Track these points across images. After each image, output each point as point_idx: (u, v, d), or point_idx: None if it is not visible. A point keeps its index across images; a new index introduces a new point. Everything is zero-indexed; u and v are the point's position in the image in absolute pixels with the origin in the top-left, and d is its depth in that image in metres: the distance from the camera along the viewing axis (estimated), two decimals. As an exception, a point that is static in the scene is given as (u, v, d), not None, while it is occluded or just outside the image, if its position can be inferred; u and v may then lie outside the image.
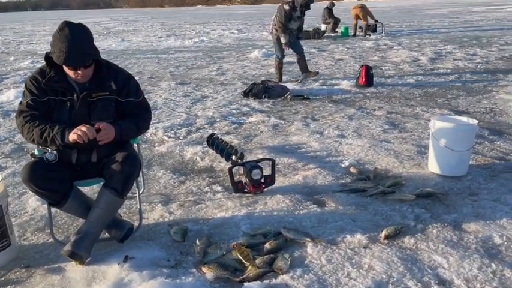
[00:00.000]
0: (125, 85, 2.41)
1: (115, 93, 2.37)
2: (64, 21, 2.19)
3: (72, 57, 2.13)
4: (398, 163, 3.50)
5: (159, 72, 8.72)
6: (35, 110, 2.27)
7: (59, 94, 2.29)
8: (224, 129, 4.67)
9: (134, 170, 2.36)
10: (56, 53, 2.14)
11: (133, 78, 2.51)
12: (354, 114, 5.06)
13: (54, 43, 2.15)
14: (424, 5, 44.79)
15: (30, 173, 2.20)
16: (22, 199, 3.10)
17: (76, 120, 2.28)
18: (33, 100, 2.27)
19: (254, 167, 2.97)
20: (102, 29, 25.15)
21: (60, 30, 2.14)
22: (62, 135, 2.20)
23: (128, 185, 2.35)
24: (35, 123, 2.24)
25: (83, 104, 2.30)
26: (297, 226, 2.56)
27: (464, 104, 5.40)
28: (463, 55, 9.36)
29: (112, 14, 64.23)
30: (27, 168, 2.22)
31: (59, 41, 2.13)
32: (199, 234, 2.52)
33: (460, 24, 17.67)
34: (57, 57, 2.14)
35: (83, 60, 2.18)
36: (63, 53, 2.11)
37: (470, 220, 2.56)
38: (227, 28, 21.18)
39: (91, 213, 2.33)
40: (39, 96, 2.26)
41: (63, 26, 2.15)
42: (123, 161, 2.29)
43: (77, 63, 2.17)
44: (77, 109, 2.29)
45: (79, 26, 2.21)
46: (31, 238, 2.59)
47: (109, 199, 2.31)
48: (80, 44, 2.15)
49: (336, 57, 9.79)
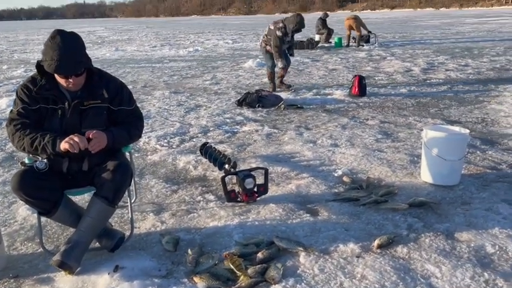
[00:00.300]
0: (117, 93, 2.40)
1: (107, 101, 2.36)
2: (56, 30, 2.18)
3: (63, 66, 2.12)
4: (391, 172, 3.50)
5: (153, 81, 8.72)
6: (26, 118, 2.25)
7: (50, 102, 2.27)
8: (218, 138, 4.67)
9: (126, 179, 2.34)
10: (47, 61, 2.13)
11: (126, 87, 2.50)
12: (347, 123, 5.07)
13: (46, 51, 2.14)
14: (416, 16, 45.36)
15: (20, 182, 2.18)
16: (12, 208, 3.06)
17: (67, 129, 2.26)
18: (24, 108, 2.25)
19: (247, 176, 2.96)
20: (97, 38, 25.17)
21: (51, 38, 2.14)
22: (53, 144, 2.18)
23: (119, 193, 2.33)
24: (26, 131, 2.22)
25: (75, 112, 2.29)
26: (289, 235, 2.55)
27: (456, 114, 5.44)
28: (455, 66, 9.46)
29: (106, 23, 64.36)
30: (17, 177, 2.19)
31: (51, 49, 2.12)
32: (191, 243, 2.50)
33: (451, 36, 17.90)
34: (48, 65, 2.13)
35: (74, 68, 2.18)
36: (55, 61, 2.10)
37: (462, 229, 2.56)
38: (221, 38, 21.29)
39: (81, 222, 2.30)
40: (30, 104, 2.25)
41: (55, 34, 2.14)
42: (114, 169, 2.27)
43: (68, 71, 2.16)
44: (68, 117, 2.28)
45: (71, 35, 2.20)
46: (20, 248, 2.55)
47: (100, 208, 2.29)
48: (71, 52, 2.14)
49: (329, 67, 9.85)
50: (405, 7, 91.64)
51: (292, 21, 6.75)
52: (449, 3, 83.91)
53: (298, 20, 6.72)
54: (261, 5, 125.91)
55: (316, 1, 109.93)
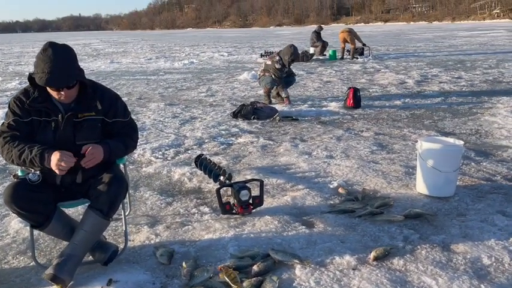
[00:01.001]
0: (111, 105, 2.39)
1: (101, 113, 2.35)
2: (48, 42, 2.17)
3: (54, 78, 2.11)
4: (386, 184, 3.50)
5: (148, 94, 8.72)
6: (17, 130, 2.23)
7: (43, 115, 2.25)
8: (213, 150, 4.66)
9: (121, 192, 2.32)
10: (38, 74, 2.12)
11: (121, 99, 2.49)
12: (342, 135, 5.08)
13: (37, 64, 2.13)
14: (409, 29, 45.92)
15: (13, 195, 2.15)
16: (4, 221, 3.02)
17: (61, 141, 2.25)
18: (15, 121, 2.23)
19: (242, 188, 2.95)
20: (92, 50, 25.23)
21: (43, 51, 2.13)
22: (41, 158, 2.15)
23: (114, 206, 2.31)
24: (15, 143, 2.20)
25: (68, 125, 2.27)
26: (285, 248, 2.53)
27: (450, 125, 5.48)
28: (449, 78, 9.55)
29: (102, 36, 64.59)
30: (9, 190, 2.17)
31: (42, 61, 2.11)
32: (186, 256, 2.47)
33: (444, 49, 18.11)
34: (39, 78, 2.11)
35: (65, 81, 2.16)
36: (46, 73, 2.09)
37: (458, 241, 2.56)
38: (217, 50, 21.40)
39: (75, 235, 2.27)
40: (22, 116, 2.23)
41: (47, 47, 2.14)
42: (109, 182, 2.25)
43: (59, 84, 2.15)
44: (61, 130, 2.26)
45: (63, 47, 2.18)
46: (12, 262, 2.51)
47: (94, 221, 2.26)
48: (63, 65, 2.13)
49: (324, 80, 9.91)
50: (398, 20, 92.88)
51: (287, 53, 6.98)
52: (442, 17, 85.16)
53: (292, 51, 6.97)
54: (256, 18, 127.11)
55: (310, 14, 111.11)
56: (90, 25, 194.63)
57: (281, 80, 7.11)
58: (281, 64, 6.98)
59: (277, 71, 7.00)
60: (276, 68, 7.01)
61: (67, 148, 2.23)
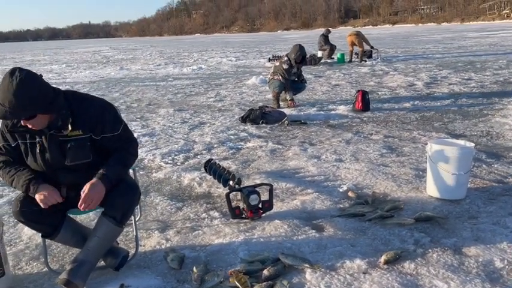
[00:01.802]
0: (98, 121, 2.22)
1: (88, 131, 2.21)
2: (10, 69, 2.02)
3: (8, 112, 1.98)
4: (396, 187, 3.48)
5: (158, 100, 8.79)
6: (7, 155, 2.22)
7: (28, 137, 2.19)
8: (222, 155, 4.67)
9: (134, 200, 2.35)
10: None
11: (108, 110, 2.29)
12: (351, 138, 5.07)
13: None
14: (418, 31, 45.68)
15: (20, 207, 2.19)
16: (17, 228, 3.06)
17: (50, 163, 2.20)
18: (4, 146, 2.22)
19: (251, 193, 2.95)
20: (102, 57, 25.49)
21: (3, 80, 1.99)
22: (27, 190, 2.15)
23: (127, 214, 2.33)
24: (6, 169, 2.20)
25: (53, 145, 2.18)
26: (295, 252, 2.53)
27: (460, 127, 5.43)
28: (458, 80, 9.48)
29: (111, 43, 65.24)
30: (17, 202, 2.21)
31: (1, 92, 1.98)
32: (196, 261, 2.48)
33: (454, 50, 17.98)
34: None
35: (20, 114, 2.02)
36: (1, 106, 1.97)
37: (470, 244, 2.53)
38: (225, 55, 21.49)
39: (88, 241, 2.30)
40: (9, 141, 2.20)
41: (6, 76, 1.99)
42: (124, 190, 2.27)
43: (14, 116, 2.04)
44: (48, 151, 2.18)
45: (22, 76, 1.98)
46: (25, 267, 2.55)
47: (108, 228, 2.28)
48: (18, 97, 1.95)
49: (332, 83, 9.90)
50: (406, 22, 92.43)
51: (294, 52, 7.08)
52: (451, 18, 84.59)
53: (298, 49, 7.07)
54: (263, 23, 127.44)
55: (318, 18, 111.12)
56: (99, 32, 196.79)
57: (288, 81, 7.12)
58: (288, 64, 7.01)
59: (285, 72, 7.03)
60: (283, 68, 7.04)
61: (58, 169, 2.21)
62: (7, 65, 22.01)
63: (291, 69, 7.08)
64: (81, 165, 2.24)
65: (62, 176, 2.26)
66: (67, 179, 2.27)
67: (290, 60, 7.04)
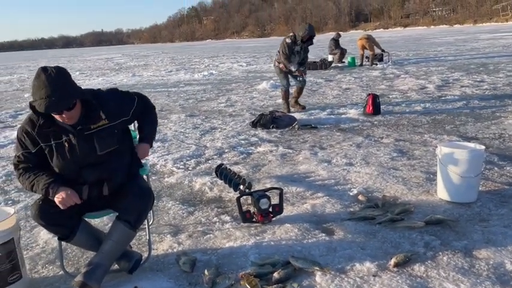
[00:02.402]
0: (119, 106, 2.39)
1: (113, 119, 2.34)
2: (40, 68, 2.13)
3: (53, 103, 2.07)
4: (407, 190, 3.49)
5: (169, 105, 8.89)
6: (28, 162, 2.28)
7: (52, 139, 2.25)
8: (233, 160, 4.72)
9: (148, 204, 2.40)
10: (37, 101, 2.09)
11: (119, 92, 2.48)
12: (361, 142, 5.08)
13: (34, 91, 2.11)
14: (430, 34, 45.34)
15: (40, 209, 2.26)
16: (34, 232, 3.14)
17: (81, 157, 2.27)
18: (23, 154, 2.27)
19: (262, 197, 2.99)
20: (114, 64, 25.82)
21: (37, 77, 2.10)
22: (46, 193, 2.21)
23: (141, 218, 2.39)
24: (26, 175, 2.26)
25: (82, 140, 2.26)
26: (305, 255, 2.55)
27: (472, 130, 5.40)
28: (471, 82, 9.40)
29: (124, 50, 66.02)
30: (36, 205, 2.28)
31: (38, 88, 2.08)
32: (207, 264, 2.52)
33: (466, 52, 17.82)
34: (38, 105, 2.08)
35: (64, 103, 2.12)
36: (44, 99, 2.06)
37: (481, 247, 2.53)
38: (236, 61, 21.60)
39: (103, 245, 2.35)
40: (29, 148, 2.26)
41: (39, 73, 2.10)
42: (138, 194, 2.33)
43: (58, 107, 2.11)
44: (78, 148, 2.26)
45: (55, 70, 2.13)
46: (42, 271, 2.61)
47: (122, 232, 2.34)
48: (58, 88, 2.08)
49: (343, 87, 9.90)
50: (418, 25, 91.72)
51: (302, 29, 6.83)
52: (463, 20, 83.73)
53: (307, 27, 6.81)
54: (274, 28, 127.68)
55: (328, 22, 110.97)
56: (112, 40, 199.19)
57: (287, 56, 6.81)
58: (292, 40, 6.76)
59: (286, 47, 6.76)
60: (285, 42, 6.77)
61: (90, 161, 2.29)
62: (22, 73, 22.43)
63: (293, 45, 6.81)
64: (107, 158, 2.32)
65: (87, 173, 2.31)
66: (92, 175, 2.32)
67: (295, 37, 6.76)
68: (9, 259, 2.29)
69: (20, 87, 15.06)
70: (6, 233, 2.29)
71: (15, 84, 16.15)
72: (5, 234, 2.28)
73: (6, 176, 4.60)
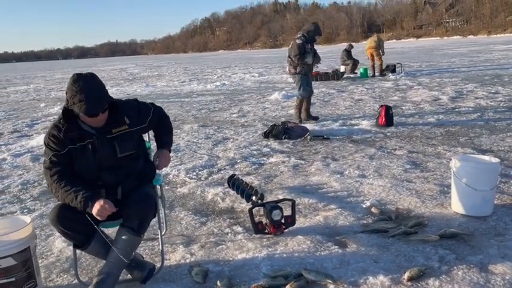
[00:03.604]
0: (137, 113, 2.52)
1: (133, 125, 2.48)
2: (75, 74, 2.28)
3: (92, 106, 2.22)
4: (420, 203, 3.45)
5: (182, 115, 8.96)
6: (59, 165, 2.36)
7: (77, 141, 2.37)
8: (245, 170, 4.73)
9: (149, 208, 2.41)
10: (76, 105, 2.21)
11: (137, 102, 2.61)
12: (374, 154, 5.05)
13: (72, 96, 2.23)
14: (443, 44, 45.10)
15: (59, 215, 2.30)
16: (48, 241, 3.18)
17: (103, 159, 2.38)
18: (55, 155, 2.36)
19: (274, 208, 2.99)
20: (128, 74, 26.17)
21: (74, 82, 2.24)
22: (85, 206, 2.27)
23: (144, 223, 2.39)
24: (61, 183, 2.32)
25: (105, 143, 2.39)
26: (318, 267, 2.54)
27: (487, 142, 5.34)
28: (485, 93, 9.31)
29: (137, 60, 66.87)
30: (56, 210, 2.32)
31: (76, 93, 2.21)
32: (220, 275, 2.52)
33: (480, 63, 17.67)
34: (79, 108, 2.21)
35: (101, 106, 2.28)
36: (83, 102, 2.19)
37: (496, 261, 2.49)
38: (248, 71, 21.73)
39: (110, 254, 2.38)
40: (59, 150, 2.35)
41: (76, 79, 2.25)
42: (138, 200, 2.37)
43: (97, 110, 2.26)
44: (100, 150, 2.38)
45: (90, 76, 2.30)
46: (56, 279, 2.64)
47: (126, 238, 2.37)
48: (95, 92, 2.25)
49: (355, 98, 9.88)
50: (431, 36, 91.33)
51: (309, 27, 6.95)
52: (477, 31, 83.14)
53: (313, 23, 7.04)
54: (286, 39, 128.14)
55: (341, 33, 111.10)
56: (126, 50, 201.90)
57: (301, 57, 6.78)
58: (303, 40, 6.78)
59: (297, 49, 6.77)
60: (297, 44, 6.78)
61: (109, 163, 2.38)
62: (38, 83, 22.86)
63: (304, 44, 6.80)
64: (124, 162, 2.43)
65: (106, 175, 2.41)
66: (110, 178, 2.42)
67: (305, 36, 6.81)
68: (25, 267, 2.33)
69: (36, 97, 15.34)
70: (23, 241, 2.32)
71: (32, 94, 16.45)
72: (21, 242, 2.31)
73: (22, 185, 4.67)
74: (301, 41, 6.82)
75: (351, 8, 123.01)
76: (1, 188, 4.60)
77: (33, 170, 5.33)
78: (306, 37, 6.86)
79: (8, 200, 4.21)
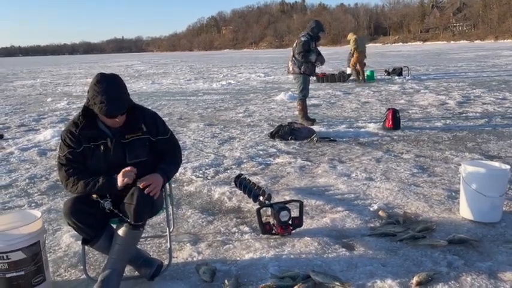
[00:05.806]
0: (153, 124, 2.54)
1: (147, 133, 2.49)
2: (99, 74, 2.33)
3: (113, 108, 2.26)
4: (428, 207, 3.44)
5: (188, 114, 8.97)
6: (74, 162, 2.39)
7: (91, 140, 2.40)
8: (251, 170, 4.73)
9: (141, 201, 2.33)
10: (97, 105, 2.25)
11: (159, 116, 2.63)
12: (381, 157, 5.04)
13: (94, 95, 2.27)
14: (450, 49, 44.95)
15: (72, 208, 2.32)
16: (56, 235, 3.19)
17: (112, 162, 2.39)
18: (70, 153, 2.38)
19: (282, 209, 2.99)
20: (134, 71, 26.22)
21: (97, 83, 2.28)
22: (111, 183, 2.32)
23: (139, 216, 2.34)
24: (79, 177, 2.36)
25: (118, 147, 2.41)
26: (325, 270, 2.54)
27: (495, 148, 5.31)
28: (492, 99, 9.28)
29: (143, 57, 66.99)
30: (69, 203, 2.34)
31: (99, 93, 2.25)
32: (227, 274, 2.53)
33: (487, 68, 17.60)
34: (99, 109, 2.25)
35: (122, 108, 2.32)
36: (105, 104, 2.23)
37: (505, 268, 2.48)
38: (254, 71, 21.73)
39: (111, 250, 2.39)
40: (75, 148, 2.38)
41: (100, 79, 2.29)
42: (131, 193, 2.35)
43: (118, 112, 2.30)
44: (111, 152, 2.40)
45: (113, 78, 2.35)
46: (64, 274, 2.65)
47: (125, 233, 2.38)
48: (117, 94, 2.29)
49: (361, 100, 9.87)
50: (438, 40, 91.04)
51: (311, 24, 6.99)
52: (484, 36, 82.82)
53: (314, 20, 7.09)
54: (292, 39, 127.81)
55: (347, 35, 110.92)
56: (132, 47, 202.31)
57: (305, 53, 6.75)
58: (307, 37, 6.77)
59: (302, 46, 6.75)
60: (301, 42, 6.75)
61: (118, 167, 2.37)
62: (45, 78, 22.95)
63: (310, 42, 6.79)
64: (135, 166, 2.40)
65: None
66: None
67: (309, 34, 6.80)
68: (34, 261, 2.34)
69: (42, 91, 15.40)
70: (33, 235, 2.33)
71: (38, 89, 16.52)
72: (31, 236, 2.32)
73: (29, 179, 4.68)
74: (306, 39, 6.82)
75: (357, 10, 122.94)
76: (9, 182, 4.62)
77: (41, 164, 5.35)
78: (311, 35, 6.87)
79: (15, 194, 4.23)
